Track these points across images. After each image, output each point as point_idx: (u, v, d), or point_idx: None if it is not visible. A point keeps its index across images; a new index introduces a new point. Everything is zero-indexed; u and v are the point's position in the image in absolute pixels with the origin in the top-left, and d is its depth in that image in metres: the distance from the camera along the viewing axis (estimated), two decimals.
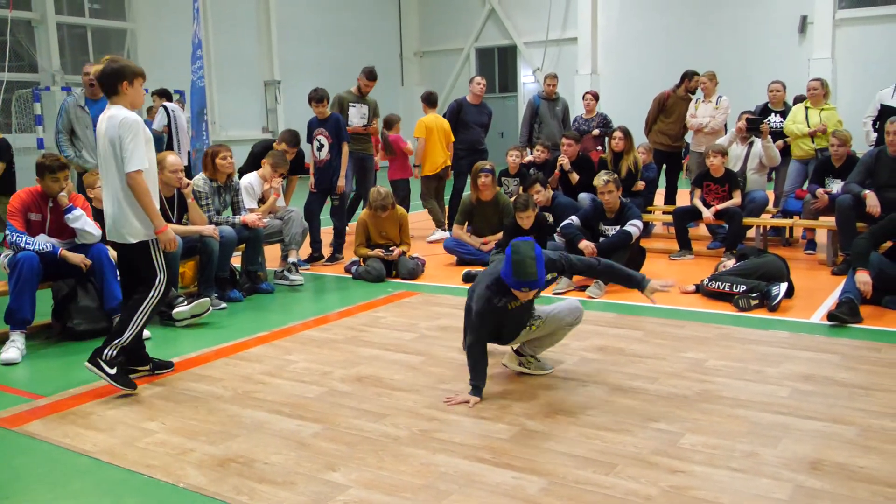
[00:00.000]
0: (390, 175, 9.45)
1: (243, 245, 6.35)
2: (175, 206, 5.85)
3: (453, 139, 9.02)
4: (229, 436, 3.42)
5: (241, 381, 4.17)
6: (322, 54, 20.81)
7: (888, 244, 5.49)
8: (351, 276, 7.00)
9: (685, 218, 7.50)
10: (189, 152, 9.18)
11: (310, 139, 7.39)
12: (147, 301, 4.03)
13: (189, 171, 8.08)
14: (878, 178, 6.45)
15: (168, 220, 5.81)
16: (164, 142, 9.62)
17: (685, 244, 7.44)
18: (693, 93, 8.82)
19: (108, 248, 5.01)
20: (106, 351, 3.92)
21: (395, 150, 9.36)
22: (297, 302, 6.21)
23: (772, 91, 8.48)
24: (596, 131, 9.24)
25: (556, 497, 2.78)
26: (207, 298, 5.53)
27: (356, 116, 8.00)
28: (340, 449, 3.25)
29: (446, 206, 9.24)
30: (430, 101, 9.20)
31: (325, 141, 7.27)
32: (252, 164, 7.02)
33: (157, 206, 4.04)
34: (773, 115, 8.35)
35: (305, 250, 7.45)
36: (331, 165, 7.31)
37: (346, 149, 7.35)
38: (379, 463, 3.10)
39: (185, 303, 5.38)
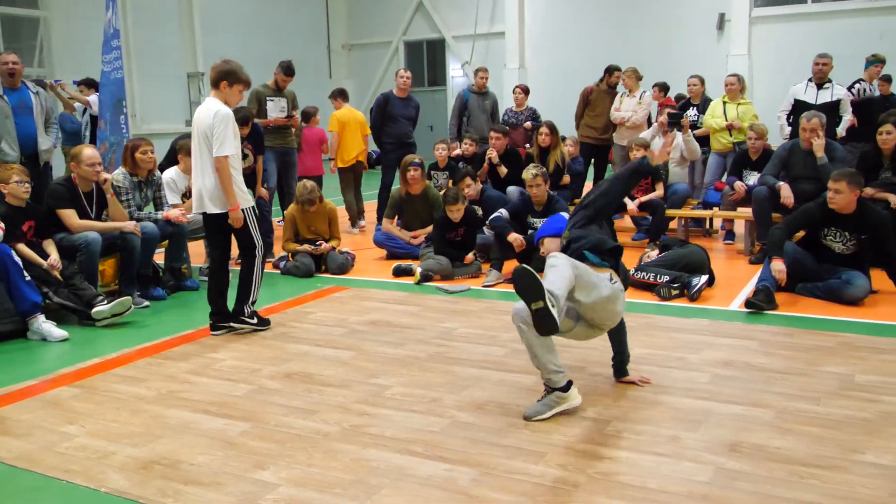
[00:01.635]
0: (299, 171, 9.16)
1: (166, 241, 6.18)
2: (94, 201, 5.65)
3: (368, 132, 9.37)
4: (153, 437, 3.33)
5: (166, 381, 4.06)
6: (248, 46, 20.33)
7: (802, 234, 5.72)
8: (279, 271, 6.89)
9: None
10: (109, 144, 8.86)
11: None
12: (255, 265, 5.03)
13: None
14: (791, 170, 6.72)
15: (86, 215, 5.62)
16: (85, 136, 9.28)
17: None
18: (614, 87, 9.01)
19: (13, 249, 4.87)
20: (245, 309, 4.98)
21: (305, 147, 9.28)
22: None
23: (689, 85, 8.76)
24: (528, 124, 9.33)
25: (487, 487, 2.81)
26: (129, 297, 5.36)
27: (275, 110, 7.87)
28: (269, 447, 3.20)
29: (373, 201, 9.26)
30: (342, 95, 9.61)
31: (248, 151, 7.16)
32: (172, 159, 6.82)
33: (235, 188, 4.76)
34: (691, 108, 8.61)
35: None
36: (254, 172, 7.30)
37: (260, 161, 7.36)
38: (309, 460, 3.07)
39: (106, 302, 5.20)
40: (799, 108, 7.48)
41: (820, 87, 7.61)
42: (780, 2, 18.51)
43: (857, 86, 7.96)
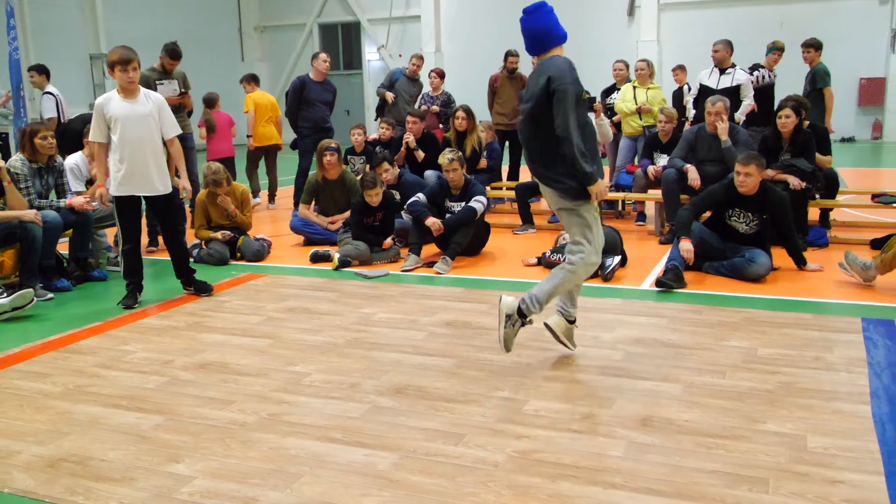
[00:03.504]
0: (209, 156, 9.43)
1: (71, 231, 5.92)
2: None
3: (279, 113, 9.75)
4: (60, 434, 3.20)
5: (73, 376, 3.91)
6: (154, 27, 19.61)
7: (708, 214, 5.94)
8: (192, 259, 6.70)
9: (527, 193, 7.76)
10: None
11: None
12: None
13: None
14: (698, 153, 6.95)
15: None
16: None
17: (527, 218, 7.71)
18: (512, 73, 9.12)
19: None
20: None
21: (217, 130, 9.55)
22: None
23: (614, 70, 8.99)
24: (435, 108, 9.35)
25: (407, 471, 2.82)
26: (31, 289, 5.12)
27: (166, 93, 7.63)
28: (184, 439, 3.13)
29: (290, 186, 9.22)
30: (254, 79, 10.11)
31: None
32: (72, 144, 6.51)
33: None
34: (615, 92, 8.81)
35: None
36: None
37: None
38: (226, 451, 3.02)
39: (5, 295, 4.96)
40: (704, 92, 7.74)
41: (722, 72, 7.89)
42: None
43: (756, 72, 8.28)
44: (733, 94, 7.65)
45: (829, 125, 8.02)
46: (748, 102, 7.74)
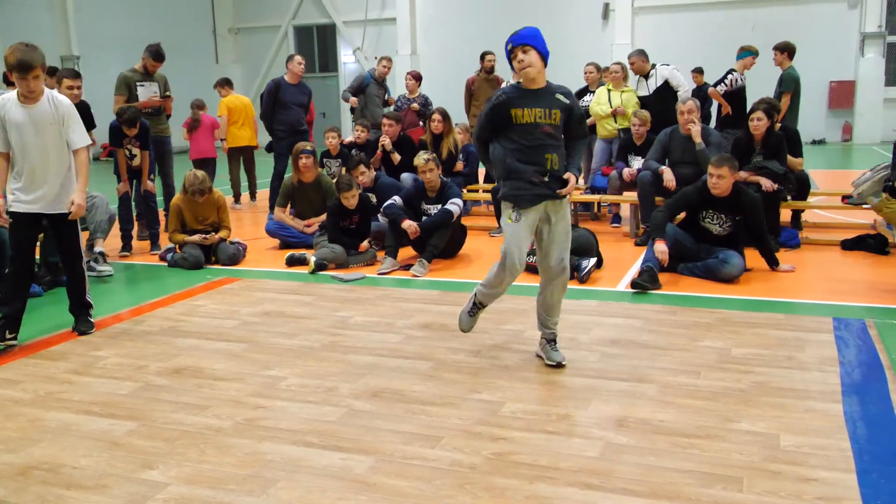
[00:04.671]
0: (192, 155, 10.00)
1: (41, 235, 5.83)
2: None
3: (254, 114, 10.08)
4: (31, 441, 3.15)
5: (44, 382, 3.85)
6: (126, 28, 19.45)
7: (682, 216, 5.99)
8: (166, 263, 6.65)
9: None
10: None
11: (119, 145, 7.07)
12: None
13: None
14: (672, 155, 7.02)
15: None
16: None
17: None
18: (490, 72, 9.16)
19: None
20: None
21: (200, 130, 10.04)
22: (107, 294, 5.81)
23: (586, 73, 9.08)
24: (415, 105, 9.36)
25: (383, 474, 2.81)
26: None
27: (146, 95, 7.58)
28: (158, 445, 3.09)
29: (265, 189, 9.29)
30: (228, 83, 10.59)
31: (136, 150, 7.12)
32: None
33: None
34: (587, 94, 8.87)
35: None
36: (141, 168, 7.19)
37: (147, 156, 7.18)
38: (200, 457, 2.99)
39: None
40: (643, 104, 8.14)
41: (647, 78, 8.15)
42: None
43: (729, 76, 8.38)
44: (666, 90, 8.02)
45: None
46: (685, 89, 8.12)
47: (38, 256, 5.93)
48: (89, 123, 7.02)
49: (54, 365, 4.11)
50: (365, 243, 6.60)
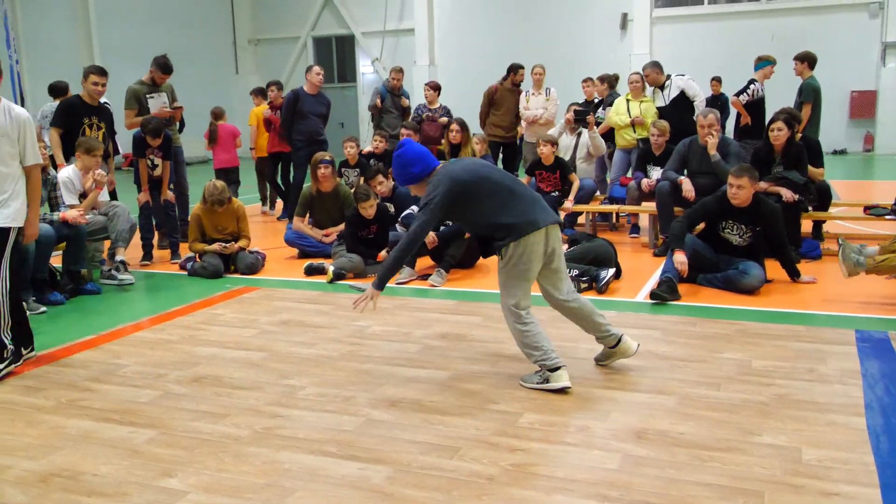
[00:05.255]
0: (215, 164, 10.17)
1: (64, 244, 5.90)
2: None
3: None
4: (52, 449, 3.18)
5: (65, 390, 3.88)
6: (148, 39, 19.61)
7: (701, 226, 5.95)
8: (186, 272, 6.70)
9: None
10: None
11: (142, 155, 7.17)
12: None
13: None
14: (690, 165, 6.99)
15: None
16: None
17: None
18: (518, 85, 9.18)
19: None
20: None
21: (220, 141, 10.13)
22: (127, 302, 5.87)
23: (583, 87, 9.31)
24: (444, 119, 9.40)
25: (401, 484, 2.81)
26: (23, 303, 5.08)
27: (156, 106, 7.66)
28: (177, 454, 3.11)
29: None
30: (261, 93, 10.55)
31: (158, 160, 7.24)
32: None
33: None
34: (601, 108, 8.88)
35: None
36: (162, 179, 7.32)
37: (168, 166, 7.32)
38: (219, 465, 3.00)
39: None
40: (660, 115, 8.09)
41: (662, 89, 8.14)
42: (679, 3, 19.24)
43: (751, 86, 8.35)
44: (683, 101, 8.00)
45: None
46: (701, 99, 8.11)
47: (59, 265, 6.02)
48: (111, 131, 7.12)
49: (75, 372, 4.15)
50: (383, 253, 6.61)
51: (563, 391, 3.66)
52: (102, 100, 7.07)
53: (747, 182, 5.50)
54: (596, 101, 9.43)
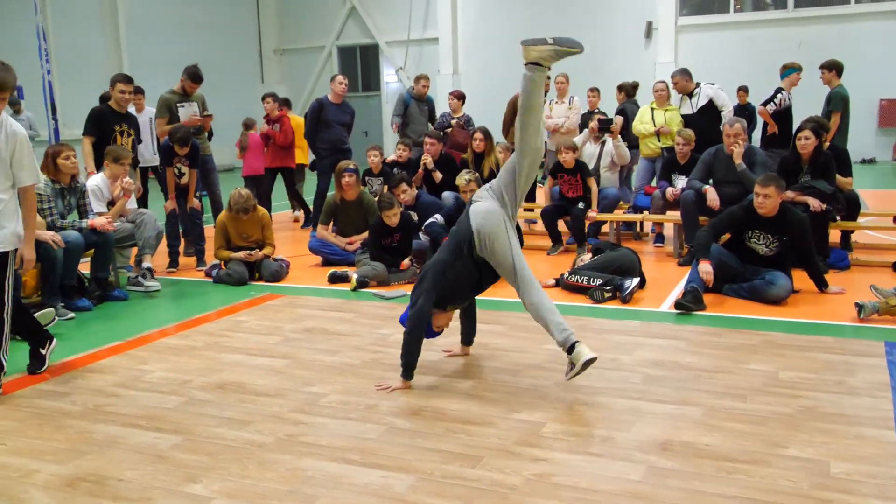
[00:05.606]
0: (244, 172, 10.17)
1: (92, 251, 5.98)
2: None
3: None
4: (79, 453, 3.22)
5: (92, 395, 3.93)
6: (176, 50, 19.90)
7: (727, 236, 5.90)
8: (211, 279, 6.76)
9: (553, 216, 7.75)
10: None
11: (169, 163, 7.24)
12: None
13: None
14: (716, 174, 6.93)
15: None
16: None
17: (557, 238, 7.70)
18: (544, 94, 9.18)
19: None
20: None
21: (249, 150, 10.10)
22: (153, 309, 5.93)
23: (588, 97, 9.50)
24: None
25: (423, 493, 2.81)
26: (52, 308, 5.17)
27: (187, 115, 7.75)
28: (201, 460, 3.13)
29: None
30: (286, 103, 10.62)
31: (185, 169, 7.29)
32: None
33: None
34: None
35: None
36: (189, 187, 7.37)
37: (195, 175, 7.39)
38: (243, 471, 3.02)
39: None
40: (686, 122, 8.04)
41: (691, 96, 8.12)
42: (705, 11, 19.13)
43: (779, 95, 8.27)
44: (710, 109, 8.00)
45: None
46: (729, 109, 8.10)
47: (87, 271, 6.10)
48: (138, 139, 7.23)
49: (102, 378, 4.20)
50: (406, 261, 6.62)
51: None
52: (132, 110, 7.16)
53: (774, 191, 5.44)
54: (597, 111, 9.40)
